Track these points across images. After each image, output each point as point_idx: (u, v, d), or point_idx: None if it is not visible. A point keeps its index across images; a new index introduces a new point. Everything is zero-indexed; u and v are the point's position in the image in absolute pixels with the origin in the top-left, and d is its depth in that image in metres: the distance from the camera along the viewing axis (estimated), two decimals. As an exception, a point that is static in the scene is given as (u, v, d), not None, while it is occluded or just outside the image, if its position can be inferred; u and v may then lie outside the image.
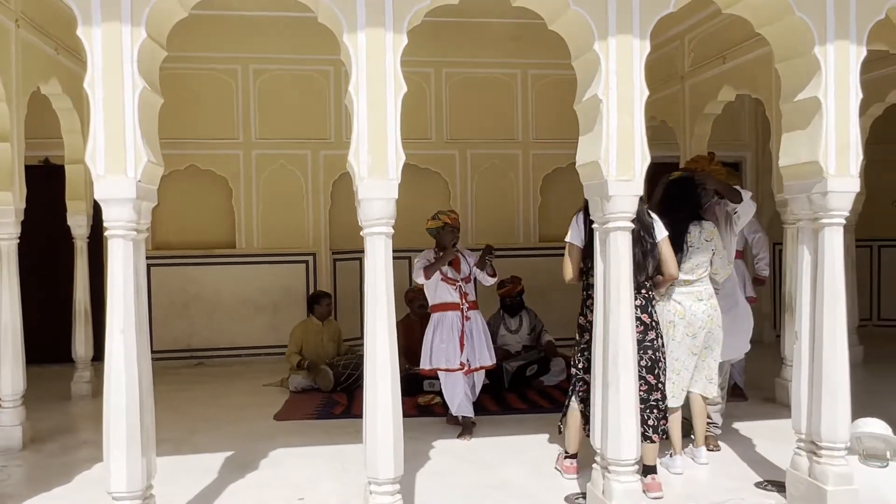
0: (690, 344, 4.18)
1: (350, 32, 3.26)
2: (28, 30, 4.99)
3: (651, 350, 3.87)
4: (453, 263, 5.21)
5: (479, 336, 5.17)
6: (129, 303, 3.12)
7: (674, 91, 7.12)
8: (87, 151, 3.09)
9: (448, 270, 5.17)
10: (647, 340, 3.87)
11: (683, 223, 4.20)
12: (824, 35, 3.50)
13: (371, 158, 3.27)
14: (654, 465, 3.88)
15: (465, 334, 5.09)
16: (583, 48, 3.47)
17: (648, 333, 3.87)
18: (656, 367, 3.90)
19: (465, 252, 5.35)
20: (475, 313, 5.21)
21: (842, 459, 3.56)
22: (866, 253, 9.20)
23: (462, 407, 5.06)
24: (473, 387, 5.22)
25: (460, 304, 5.13)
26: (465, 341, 5.09)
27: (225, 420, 5.58)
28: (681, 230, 4.16)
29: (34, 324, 6.00)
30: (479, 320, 5.23)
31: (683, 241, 4.15)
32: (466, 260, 5.28)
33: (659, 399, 3.91)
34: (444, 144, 8.40)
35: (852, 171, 3.55)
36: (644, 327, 3.85)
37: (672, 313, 4.16)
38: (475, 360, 5.12)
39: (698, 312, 4.17)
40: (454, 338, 5.08)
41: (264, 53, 7.92)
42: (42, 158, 7.39)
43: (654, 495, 3.78)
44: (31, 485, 4.19)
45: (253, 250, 8.13)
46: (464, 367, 5.06)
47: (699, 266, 4.19)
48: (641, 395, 3.74)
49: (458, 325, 5.11)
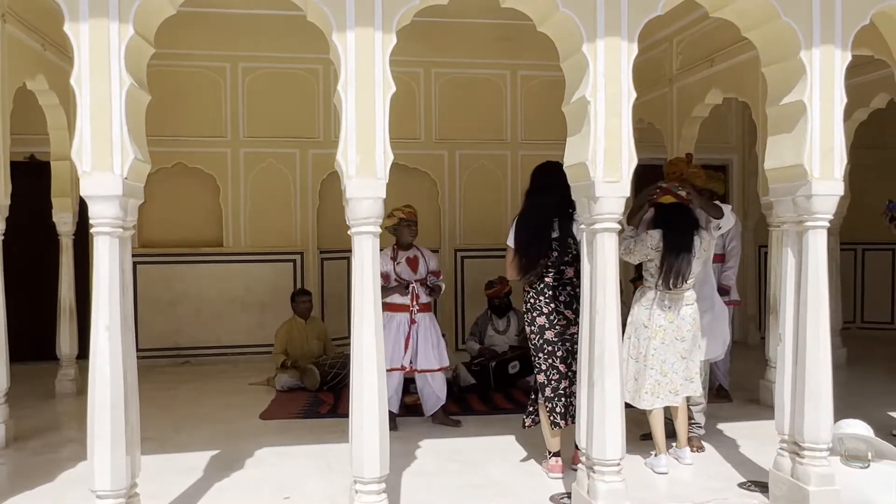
0: (680, 348, 4.24)
1: (339, 31, 3.26)
2: (15, 25, 4.96)
3: (570, 343, 4.09)
4: (410, 263, 5.23)
5: (426, 339, 5.21)
6: (115, 300, 3.10)
7: (661, 93, 7.16)
8: (74, 148, 3.08)
9: (403, 271, 5.19)
10: (568, 334, 4.11)
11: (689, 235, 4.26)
12: (810, 39, 3.53)
13: (359, 158, 3.27)
14: (559, 450, 4.18)
15: (410, 337, 5.14)
16: (571, 50, 3.49)
17: (570, 328, 4.09)
18: (570, 358, 4.10)
19: (426, 252, 5.36)
20: (424, 316, 5.23)
21: (824, 460, 3.59)
22: (850, 256, 9.29)
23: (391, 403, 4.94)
24: (434, 391, 5.26)
25: (410, 307, 5.16)
26: (409, 343, 5.12)
27: (210, 419, 5.56)
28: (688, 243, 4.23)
29: (18, 321, 5.94)
30: (427, 323, 5.25)
31: (691, 253, 4.22)
32: (426, 261, 5.30)
33: (567, 387, 4.11)
34: (432, 144, 8.40)
35: (836, 174, 3.58)
36: (567, 322, 4.11)
37: (662, 318, 4.23)
38: (418, 362, 5.16)
39: (686, 316, 4.25)
40: (399, 339, 5.12)
41: (253, 51, 7.89)
42: (28, 155, 7.33)
43: (555, 475, 4.12)
44: (15, 483, 4.16)
45: (240, 249, 8.10)
46: (405, 368, 5.12)
47: (692, 274, 4.27)
48: (553, 384, 4.11)
49: (404, 327, 5.16)
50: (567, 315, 4.10)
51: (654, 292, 4.26)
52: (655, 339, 4.22)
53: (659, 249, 4.20)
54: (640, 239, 4.26)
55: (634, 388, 4.27)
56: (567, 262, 4.14)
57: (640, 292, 4.38)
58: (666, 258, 4.18)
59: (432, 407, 5.31)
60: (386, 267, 5.18)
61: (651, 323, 4.23)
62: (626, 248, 4.22)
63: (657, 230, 4.26)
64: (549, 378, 4.13)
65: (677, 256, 4.17)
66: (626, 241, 4.24)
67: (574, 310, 4.03)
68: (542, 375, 4.15)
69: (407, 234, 5.21)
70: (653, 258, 4.23)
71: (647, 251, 4.22)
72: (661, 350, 4.22)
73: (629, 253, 4.24)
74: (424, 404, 5.35)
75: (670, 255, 4.18)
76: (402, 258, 5.26)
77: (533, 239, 4.13)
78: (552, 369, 4.12)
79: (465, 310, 8.42)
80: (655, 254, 4.21)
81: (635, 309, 4.35)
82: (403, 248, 5.29)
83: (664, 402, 4.26)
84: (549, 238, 4.13)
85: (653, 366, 4.22)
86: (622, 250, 4.09)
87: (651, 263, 4.26)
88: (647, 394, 4.23)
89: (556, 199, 4.07)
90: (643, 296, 4.32)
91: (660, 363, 4.22)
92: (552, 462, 4.19)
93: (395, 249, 5.26)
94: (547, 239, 4.12)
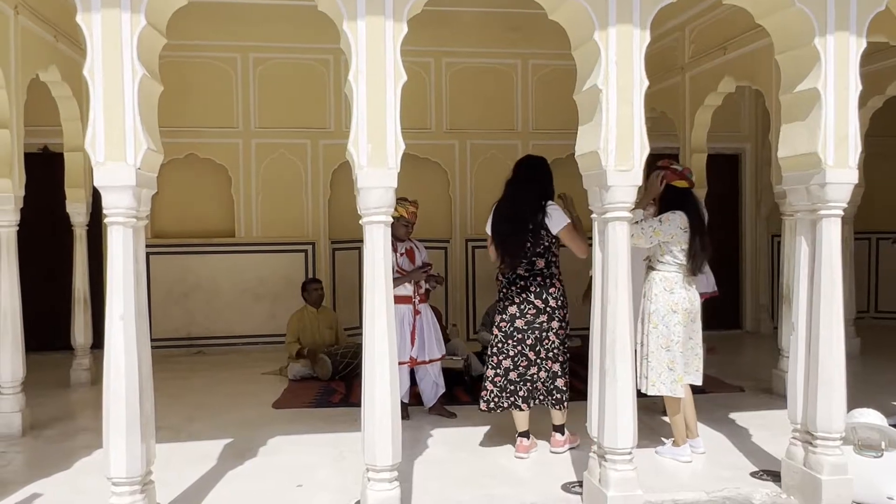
0: (691, 329, 4.22)
1: (350, 20, 3.26)
2: (27, 17, 4.98)
3: (538, 331, 4.27)
4: (409, 255, 5.25)
5: (429, 330, 5.22)
6: (129, 289, 3.12)
7: (674, 82, 7.10)
8: (87, 138, 3.09)
9: (404, 262, 5.20)
10: (536, 323, 4.27)
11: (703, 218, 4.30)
12: (824, 26, 3.50)
13: (371, 147, 3.27)
14: (527, 430, 4.39)
15: (416, 329, 5.15)
16: (583, 38, 3.47)
17: (540, 316, 4.27)
18: (538, 345, 4.28)
19: (419, 244, 5.42)
20: (425, 307, 5.26)
21: (837, 449, 3.59)
22: (865, 245, 9.21)
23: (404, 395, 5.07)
24: (435, 380, 5.28)
25: (412, 298, 5.17)
26: (415, 336, 5.13)
27: (223, 407, 5.61)
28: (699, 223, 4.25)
29: (33, 311, 6.01)
30: (428, 314, 5.27)
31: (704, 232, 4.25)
32: (419, 252, 5.32)
33: (535, 373, 4.30)
34: (443, 134, 8.39)
35: (851, 162, 3.55)
36: (536, 311, 4.27)
37: (686, 301, 4.18)
38: (424, 354, 5.17)
39: (697, 298, 4.26)
40: (405, 332, 5.11)
41: (264, 42, 7.91)
42: (41, 146, 7.39)
43: (521, 455, 4.34)
44: (31, 471, 4.21)
45: (252, 239, 8.14)
46: (413, 361, 5.12)
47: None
48: (520, 370, 4.30)
49: (409, 319, 5.16)
50: (537, 304, 4.27)
51: (676, 276, 4.19)
52: (681, 323, 4.16)
53: (687, 230, 4.17)
54: (665, 219, 4.18)
55: (671, 378, 4.17)
56: (539, 252, 4.28)
57: (655, 279, 4.24)
58: (693, 241, 4.17)
59: (433, 398, 5.30)
60: (395, 259, 5.19)
61: (678, 307, 4.17)
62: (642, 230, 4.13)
63: (679, 212, 4.21)
64: (516, 364, 4.31)
65: (703, 239, 4.19)
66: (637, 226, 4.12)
67: (543, 299, 4.27)
68: (508, 361, 4.32)
69: (403, 231, 5.24)
70: (680, 240, 4.17)
71: (676, 231, 4.15)
72: (682, 333, 4.18)
73: (642, 235, 4.12)
74: (424, 395, 5.33)
75: (696, 238, 4.17)
76: (401, 249, 5.26)
77: (512, 230, 4.29)
78: (520, 356, 4.30)
79: (476, 300, 8.44)
80: (684, 234, 4.17)
81: (658, 297, 4.19)
82: (399, 240, 5.28)
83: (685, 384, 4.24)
84: (526, 230, 4.25)
85: (680, 350, 4.17)
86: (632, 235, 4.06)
87: (676, 247, 4.18)
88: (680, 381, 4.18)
89: (536, 192, 4.26)
90: (663, 280, 4.20)
91: (682, 346, 4.18)
92: (520, 442, 4.39)
93: (393, 241, 5.26)
94: (524, 231, 4.26)
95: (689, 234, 4.18)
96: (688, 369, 4.24)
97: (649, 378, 4.19)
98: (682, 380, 4.19)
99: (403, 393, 5.04)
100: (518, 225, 4.27)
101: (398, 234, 5.19)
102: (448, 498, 3.77)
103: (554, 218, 4.25)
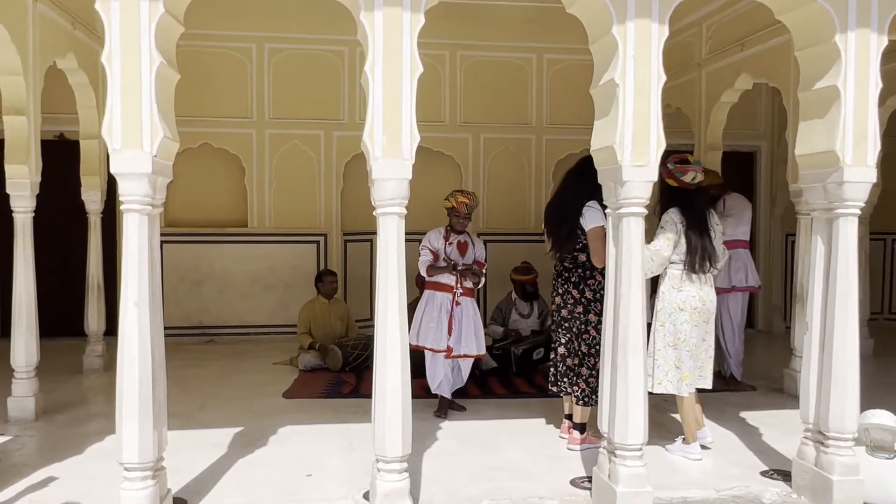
0: (703, 330, 4.20)
1: (367, 11, 3.25)
2: (46, 4, 5.00)
3: (577, 322, 4.41)
4: (460, 247, 5.23)
5: (469, 324, 5.17)
6: (144, 276, 3.14)
7: (690, 78, 7.06)
8: (104, 125, 3.10)
9: (452, 252, 5.19)
10: (576, 313, 4.42)
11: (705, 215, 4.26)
12: (845, 23, 3.46)
13: (386, 138, 3.27)
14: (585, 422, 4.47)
15: (453, 318, 5.12)
16: (601, 32, 3.45)
17: (577, 307, 4.41)
18: (579, 338, 4.41)
19: (477, 241, 5.37)
20: (467, 300, 5.21)
21: (849, 450, 3.57)
22: (880, 246, 9.15)
23: (442, 387, 5.13)
24: (460, 372, 5.26)
25: (454, 289, 5.15)
26: (453, 325, 5.12)
27: (234, 396, 5.64)
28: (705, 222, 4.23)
29: (48, 297, 6.06)
30: (470, 308, 5.22)
31: (711, 228, 4.23)
32: (474, 248, 5.29)
33: (591, 367, 4.37)
34: (457, 128, 8.38)
35: (869, 161, 3.52)
36: (574, 301, 4.42)
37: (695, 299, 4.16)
38: (460, 347, 5.13)
39: (710, 298, 4.22)
40: (443, 320, 5.11)
41: (279, 33, 7.92)
42: (57, 133, 7.44)
43: (564, 436, 4.53)
44: (44, 455, 4.25)
45: (264, 229, 8.16)
46: (449, 350, 5.10)
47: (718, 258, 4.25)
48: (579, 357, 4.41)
49: (447, 307, 5.13)
50: (574, 295, 4.42)
51: (683, 273, 4.17)
52: (689, 322, 4.14)
53: (684, 224, 4.15)
54: (664, 221, 4.18)
55: (677, 376, 4.15)
56: (580, 248, 4.39)
57: (664, 276, 4.23)
58: (690, 238, 4.14)
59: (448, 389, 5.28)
60: (437, 244, 5.20)
61: (686, 305, 4.15)
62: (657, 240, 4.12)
63: (674, 208, 4.19)
64: (569, 351, 4.48)
65: (700, 236, 4.14)
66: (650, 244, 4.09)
67: (580, 290, 4.40)
68: (562, 348, 4.51)
69: (456, 222, 5.23)
70: (679, 237, 4.16)
71: (677, 228, 4.13)
72: (692, 333, 4.15)
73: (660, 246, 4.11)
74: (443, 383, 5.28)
75: (693, 235, 4.13)
76: (454, 240, 5.25)
77: (557, 223, 4.46)
78: (571, 343, 4.47)
79: (488, 294, 8.43)
80: (681, 227, 4.15)
81: (665, 294, 4.19)
82: (456, 231, 5.29)
83: (692, 386, 4.22)
84: (566, 225, 4.37)
85: (688, 349, 4.16)
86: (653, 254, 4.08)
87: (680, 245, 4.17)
88: (688, 380, 4.17)
89: (585, 189, 4.28)
90: (671, 278, 4.19)
91: (692, 346, 4.16)
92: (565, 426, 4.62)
93: (449, 231, 5.27)
94: (566, 225, 4.39)
95: (684, 229, 4.15)
96: (702, 373, 4.23)
97: (655, 376, 4.17)
98: (687, 379, 4.17)
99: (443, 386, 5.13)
100: (562, 219, 4.42)
101: (453, 225, 5.22)
102: (457, 490, 3.78)
103: (587, 217, 4.28)
